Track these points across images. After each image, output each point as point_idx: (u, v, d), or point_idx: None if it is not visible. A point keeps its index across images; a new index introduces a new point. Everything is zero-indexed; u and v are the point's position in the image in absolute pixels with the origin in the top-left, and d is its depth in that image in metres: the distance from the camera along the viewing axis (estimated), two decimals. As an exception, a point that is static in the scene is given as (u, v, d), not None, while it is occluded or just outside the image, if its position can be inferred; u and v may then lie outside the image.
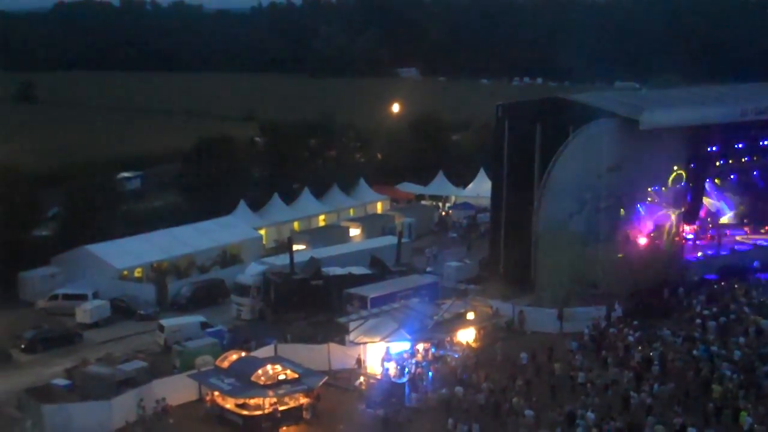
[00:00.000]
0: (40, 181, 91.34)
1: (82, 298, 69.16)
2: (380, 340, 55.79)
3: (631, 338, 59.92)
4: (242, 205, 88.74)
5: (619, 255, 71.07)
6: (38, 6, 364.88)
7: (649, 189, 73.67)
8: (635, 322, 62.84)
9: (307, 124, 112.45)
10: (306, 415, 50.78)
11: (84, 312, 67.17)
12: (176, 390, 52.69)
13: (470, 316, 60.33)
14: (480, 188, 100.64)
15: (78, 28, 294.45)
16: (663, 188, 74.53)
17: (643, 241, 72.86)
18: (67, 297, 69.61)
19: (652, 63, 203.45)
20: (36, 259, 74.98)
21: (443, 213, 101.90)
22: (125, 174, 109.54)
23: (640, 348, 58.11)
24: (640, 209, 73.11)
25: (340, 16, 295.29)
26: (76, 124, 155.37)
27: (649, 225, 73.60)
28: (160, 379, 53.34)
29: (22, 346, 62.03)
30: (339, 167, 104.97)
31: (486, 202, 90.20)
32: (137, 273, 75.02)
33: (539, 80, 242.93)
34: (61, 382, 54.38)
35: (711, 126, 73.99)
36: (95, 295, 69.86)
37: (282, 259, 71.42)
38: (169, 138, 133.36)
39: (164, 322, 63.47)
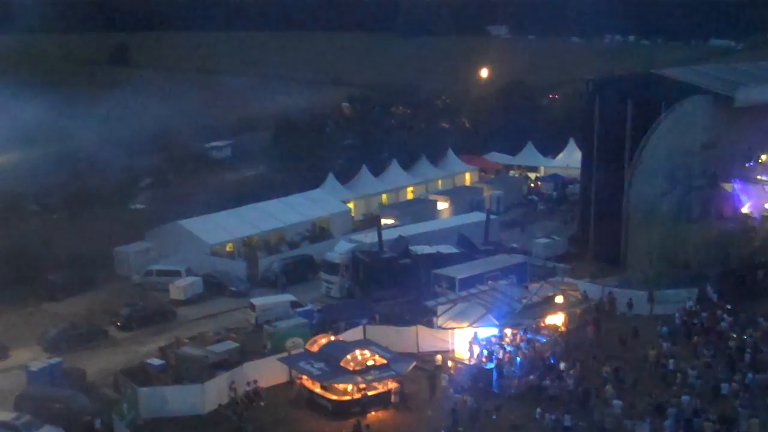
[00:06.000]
0: (132, 150, 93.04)
1: (176, 274, 70.59)
2: (468, 326, 55.81)
3: (723, 324, 58.76)
4: (331, 178, 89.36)
5: (712, 234, 69.77)
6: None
7: (745, 165, 72.09)
8: (728, 306, 61.56)
9: (395, 92, 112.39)
10: (394, 399, 51.12)
11: (178, 289, 68.56)
12: (267, 372, 53.39)
13: (559, 299, 59.89)
14: (570, 159, 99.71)
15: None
16: (759, 163, 72.87)
17: (737, 219, 71.36)
18: (161, 273, 71.07)
19: (752, 18, 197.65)
20: (131, 233, 76.67)
21: (532, 185, 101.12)
22: (215, 143, 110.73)
23: (734, 335, 56.89)
24: (735, 187, 71.59)
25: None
26: (166, 89, 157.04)
27: (743, 203, 72.09)
28: (252, 361, 54.10)
29: (118, 324, 63.61)
30: (427, 137, 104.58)
31: (576, 173, 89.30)
32: (228, 248, 76.22)
33: (631, 38, 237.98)
34: (155, 362, 55.30)
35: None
36: (188, 271, 71.21)
37: (370, 237, 71.74)
38: (257, 103, 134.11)
39: (255, 300, 64.32)
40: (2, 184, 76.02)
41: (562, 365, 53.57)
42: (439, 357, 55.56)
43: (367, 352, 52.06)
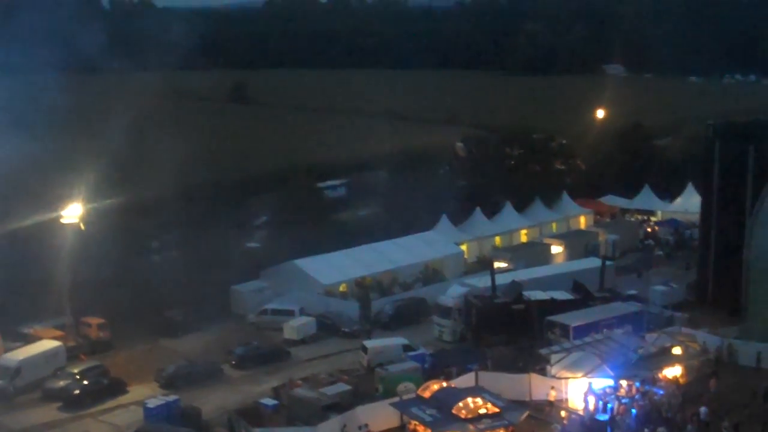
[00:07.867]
0: (248, 189, 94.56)
1: (290, 313, 71.38)
2: (582, 376, 54.97)
3: None
4: (444, 219, 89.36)
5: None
6: (248, 2, 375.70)
7: None
8: None
9: (509, 132, 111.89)
10: (505, 449, 50.67)
11: (292, 328, 69.28)
12: (378, 416, 53.28)
13: (677, 351, 58.53)
14: (688, 203, 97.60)
15: (288, 25, 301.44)
16: None
17: None
18: (275, 312, 72.02)
19: None
20: (247, 272, 77.79)
21: (649, 229, 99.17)
22: (330, 182, 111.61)
23: None
24: None
25: (545, 13, 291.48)
26: (283, 126, 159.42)
27: None
28: (364, 405, 54.15)
29: (233, 363, 64.57)
30: (541, 179, 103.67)
31: (694, 218, 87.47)
32: (341, 288, 76.74)
33: (752, 77, 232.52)
34: (268, 402, 56.19)
35: None
36: (302, 311, 71.93)
37: (484, 281, 71.37)
38: (372, 142, 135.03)
39: (368, 343, 64.72)
40: (125, 220, 78.07)
41: (678, 418, 52.33)
42: (552, 392, 55.28)
43: (479, 400, 51.64)
